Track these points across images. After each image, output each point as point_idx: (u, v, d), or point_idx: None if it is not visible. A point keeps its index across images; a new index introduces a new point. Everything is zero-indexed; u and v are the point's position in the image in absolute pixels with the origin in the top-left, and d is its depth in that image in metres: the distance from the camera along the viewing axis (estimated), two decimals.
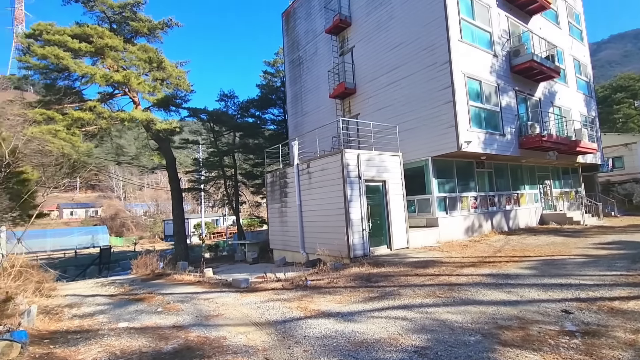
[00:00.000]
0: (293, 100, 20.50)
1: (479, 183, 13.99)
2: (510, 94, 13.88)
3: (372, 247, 10.03)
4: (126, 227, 59.42)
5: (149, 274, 10.96)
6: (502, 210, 14.67)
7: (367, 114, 14.85)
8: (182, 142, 22.15)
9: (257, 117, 27.23)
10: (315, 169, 10.93)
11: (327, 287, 6.49)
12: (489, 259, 8.14)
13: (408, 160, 12.91)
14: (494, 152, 12.68)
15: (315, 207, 10.93)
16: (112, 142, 18.56)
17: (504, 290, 5.26)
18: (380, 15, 14.21)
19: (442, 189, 12.56)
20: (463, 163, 13.44)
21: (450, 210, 12.60)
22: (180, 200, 19.70)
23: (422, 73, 12.45)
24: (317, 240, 10.77)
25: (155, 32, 19.88)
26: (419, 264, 8.06)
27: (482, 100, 12.58)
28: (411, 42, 12.84)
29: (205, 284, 8.24)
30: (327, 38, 17.01)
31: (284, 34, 21.38)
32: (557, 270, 6.43)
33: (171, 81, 19.68)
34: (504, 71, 13.70)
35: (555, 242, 10.28)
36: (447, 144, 11.65)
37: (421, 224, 12.56)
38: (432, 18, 12.05)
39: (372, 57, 14.66)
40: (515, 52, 13.85)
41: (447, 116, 11.60)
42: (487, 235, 12.94)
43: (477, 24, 12.86)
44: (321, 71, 17.53)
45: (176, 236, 19.22)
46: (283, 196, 12.83)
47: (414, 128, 12.79)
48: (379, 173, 10.44)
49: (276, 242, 13.38)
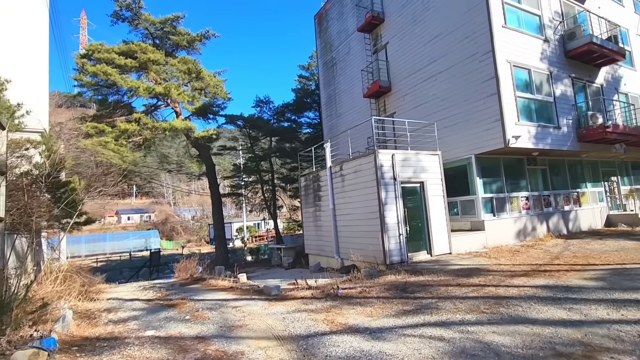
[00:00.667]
0: (327, 102, 20.28)
1: (531, 182, 12.71)
2: (566, 81, 12.48)
3: (410, 253, 9.41)
4: (175, 231, 62.94)
5: (187, 278, 11.21)
6: (560, 211, 13.20)
7: (404, 112, 14.17)
8: (220, 148, 22.84)
9: (293, 121, 27.38)
10: (348, 171, 10.54)
11: (359, 297, 6.06)
12: (544, 268, 7.21)
13: (449, 159, 12.08)
14: (547, 147, 11.44)
15: (350, 210, 10.52)
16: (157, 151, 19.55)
17: (564, 307, 4.50)
18: (415, 7, 13.51)
19: (488, 189, 11.55)
20: (512, 160, 12.29)
21: (498, 212, 11.54)
22: (219, 206, 20.24)
23: (463, 65, 11.58)
24: (352, 246, 10.35)
25: (194, 44, 20.73)
26: (462, 272, 7.34)
27: (532, 90, 11.40)
28: (449, 32, 12.01)
29: (237, 290, 8.17)
30: (360, 37, 16.57)
31: (316, 36, 21.27)
32: (632, 283, 5.45)
33: (209, 90, 20.36)
34: (557, 57, 12.35)
35: (627, 248, 8.93)
36: (493, 140, 10.68)
37: (465, 227, 11.64)
38: (472, 5, 11.17)
39: (407, 52, 13.97)
40: (570, 35, 12.44)
41: (492, 110, 10.64)
42: (542, 239, 11.67)
43: (523, 7, 11.72)
44: (354, 71, 17.11)
45: (216, 240, 19.75)
46: (317, 200, 12.57)
47: (455, 124, 11.92)
48: (416, 174, 9.80)
49: (311, 247, 13.14)
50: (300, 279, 8.70)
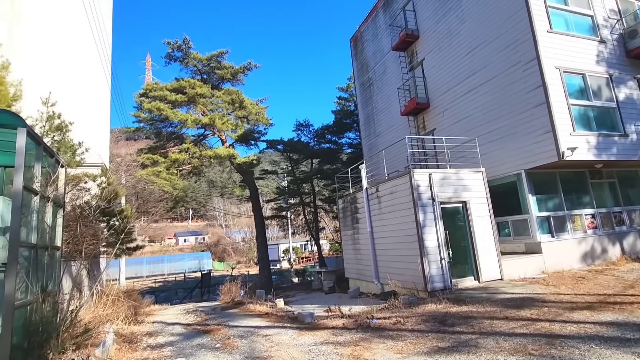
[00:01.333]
0: (365, 122, 20.21)
1: (596, 197, 11.31)
2: (630, 84, 11.15)
3: (454, 279, 8.71)
4: (227, 253, 65.36)
5: (229, 302, 11.45)
6: (636, 229, 11.51)
7: (444, 128, 13.59)
8: (262, 172, 23.60)
9: (333, 142, 27.61)
10: (384, 192, 10.22)
11: (392, 328, 5.66)
12: (613, 299, 6.21)
13: (496, 175, 11.24)
14: (613, 157, 10.17)
15: (387, 233, 10.12)
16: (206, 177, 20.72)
17: (635, 351, 3.77)
18: (450, 21, 13.16)
19: (543, 207, 10.45)
20: (570, 174, 11.08)
21: (558, 232, 10.35)
22: (262, 228, 20.69)
23: (505, 75, 10.89)
24: (391, 270, 9.86)
25: (237, 76, 22.08)
26: (512, 302, 6.58)
27: (589, 96, 10.32)
28: (488, 42, 11.45)
29: (272, 316, 8.10)
30: (395, 56, 16.46)
31: (353, 58, 21.56)
32: None
33: (252, 118, 21.38)
34: (617, 58, 11.14)
35: None
36: (544, 153, 9.74)
37: (519, 249, 10.58)
38: (511, 12, 10.58)
39: (444, 67, 13.53)
40: (632, 33, 11.20)
41: (541, 121, 9.77)
42: (614, 262, 10.18)
43: (571, 9, 10.85)
44: (391, 90, 16.93)
45: (260, 263, 20.09)
46: (354, 222, 12.30)
47: (500, 138, 11.13)
48: (457, 193, 9.20)
49: (351, 270, 12.78)
50: (336, 305, 8.41)
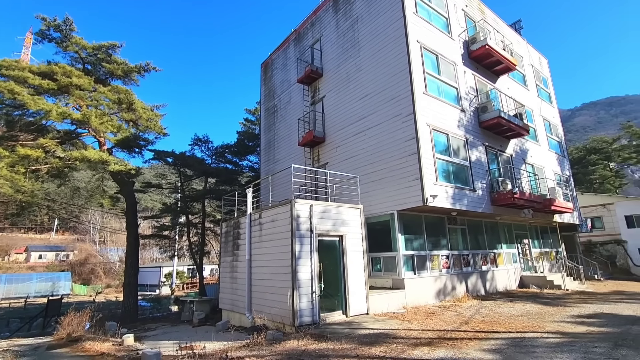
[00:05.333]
0: (266, 147, 20.08)
1: (451, 240, 13.04)
2: (480, 149, 13.55)
3: (324, 313, 8.69)
4: (95, 274, 55.43)
5: (63, 338, 9.28)
6: (478, 271, 13.57)
7: (335, 163, 14.26)
8: (143, 185, 21.04)
9: (233, 163, 26.64)
10: (266, 219, 9.91)
11: None
12: (450, 335, 6.91)
13: (374, 213, 12.07)
14: (464, 207, 11.94)
15: (265, 262, 9.72)
16: (67, 183, 17.36)
17: None
18: (349, 67, 14.25)
19: (409, 246, 11.53)
20: (433, 218, 12.60)
21: (419, 270, 11.46)
22: (135, 248, 18.08)
23: (388, 123, 12.08)
24: (264, 302, 9.41)
25: (131, 75, 19.80)
26: (368, 338, 6.76)
27: (450, 153, 12.12)
28: (378, 92, 12.67)
29: (108, 358, 6.71)
30: (300, 88, 17.01)
31: (261, 83, 21.60)
32: (525, 357, 5.26)
33: (142, 123, 19.16)
34: (472, 126, 13.50)
35: (531, 313, 9.11)
36: (413, 197, 10.88)
37: (387, 285, 11.32)
38: (397, 70, 11.98)
39: (341, 107, 14.44)
40: (483, 109, 13.79)
41: (413, 168, 10.98)
42: (459, 299, 11.68)
43: (443, 79, 12.86)
44: (293, 120, 17.29)
45: (125, 289, 17.30)
46: (235, 248, 11.60)
47: (381, 179, 12.10)
48: (335, 227, 9.44)
49: (225, 301, 11.84)
50: (188, 343, 7.44)
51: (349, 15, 14.64)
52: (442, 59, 13.11)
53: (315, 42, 16.78)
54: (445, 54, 13.31)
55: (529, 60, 19.53)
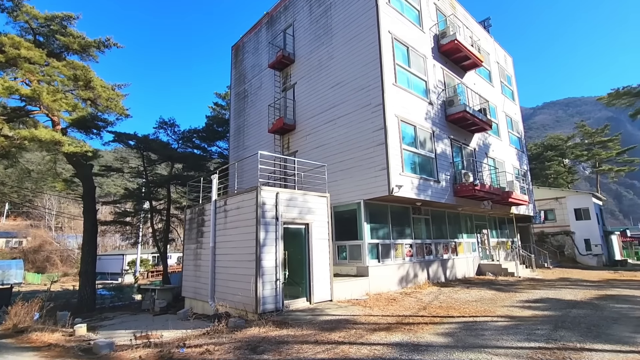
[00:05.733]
0: (236, 133, 19.60)
1: (415, 230, 13.44)
2: (446, 141, 13.96)
3: (288, 301, 8.72)
4: (51, 262, 52.33)
5: (9, 328, 8.72)
6: (439, 259, 14.13)
7: (305, 151, 14.18)
8: (102, 168, 19.89)
9: (202, 149, 25.84)
10: (231, 206, 9.71)
11: (196, 359, 5.05)
12: (408, 320, 7.16)
13: (342, 202, 12.17)
14: (428, 198, 12.30)
15: (229, 250, 9.56)
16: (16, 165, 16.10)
17: None
18: (321, 54, 14.08)
19: (374, 235, 11.77)
20: (399, 208, 12.91)
21: (383, 258, 11.75)
22: (93, 235, 17.19)
23: (358, 113, 12.12)
24: (227, 290, 9.29)
25: (89, 50, 18.46)
26: (329, 324, 6.87)
27: (417, 145, 12.39)
28: (349, 81, 12.63)
29: (55, 349, 6.37)
30: (271, 73, 16.63)
31: (232, 66, 20.91)
32: (474, 339, 5.55)
33: (101, 102, 18.02)
34: (439, 119, 13.84)
35: (484, 298, 9.63)
36: (379, 187, 11.06)
37: (352, 272, 11.52)
38: (368, 60, 11.98)
39: (313, 94, 14.29)
40: (450, 102, 14.16)
41: (380, 158, 11.13)
42: (420, 286, 12.14)
43: (412, 71, 13.02)
44: (264, 106, 16.93)
45: (82, 277, 16.47)
46: (199, 236, 11.31)
47: (349, 169, 12.18)
48: (301, 215, 9.42)
49: (188, 289, 11.58)
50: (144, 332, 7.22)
51: (323, 1, 14.39)
52: (413, 51, 13.26)
53: (288, 26, 16.40)
54: (416, 46, 13.46)
55: (495, 58, 20.22)
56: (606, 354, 4.74)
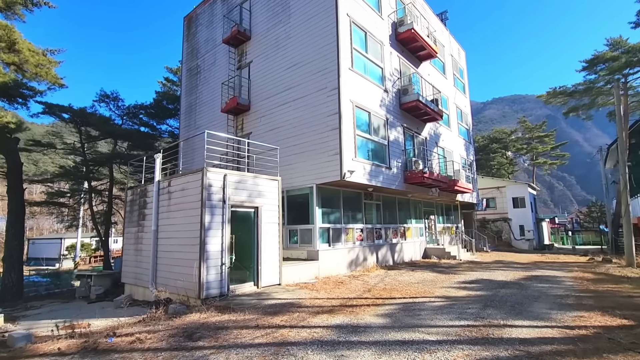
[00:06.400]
0: (187, 111, 18.53)
1: (366, 215, 13.74)
2: (399, 129, 14.26)
3: (234, 285, 8.53)
4: None
5: None
6: (389, 243, 14.63)
7: (260, 133, 13.76)
8: (30, 143, 17.79)
9: (150, 126, 24.18)
10: (175, 188, 9.17)
11: (125, 349, 4.73)
12: (352, 302, 7.31)
13: (296, 186, 12.04)
14: (379, 184, 12.56)
15: (172, 234, 9.07)
16: None
17: (336, 354, 4.24)
18: (279, 33, 13.56)
19: (326, 219, 11.83)
20: (351, 193, 13.07)
21: (334, 243, 11.89)
22: (20, 216, 15.52)
23: (314, 96, 11.91)
24: (170, 275, 8.86)
25: (15, 8, 16.20)
26: (274, 308, 6.81)
27: (371, 131, 12.51)
28: (305, 63, 12.33)
29: None
30: (226, 49, 15.78)
31: (184, 39, 19.56)
32: (411, 319, 5.78)
33: (29, 68, 16.02)
34: (393, 107, 14.07)
35: (426, 280, 10.15)
36: (332, 172, 11.06)
37: (302, 256, 11.55)
38: (325, 42, 11.73)
39: (269, 74, 13.80)
40: (404, 91, 14.43)
41: (333, 143, 11.09)
42: (369, 269, 12.51)
43: (369, 57, 13.01)
44: (218, 83, 16.09)
45: (6, 262, 14.87)
46: (141, 218, 10.62)
47: (303, 152, 12.02)
48: (251, 198, 9.16)
49: (128, 274, 10.91)
50: (82, 320, 6.71)
51: None
52: (371, 36, 13.22)
53: (244, 0, 15.54)
54: (374, 32, 13.42)
55: (449, 50, 20.89)
56: (524, 329, 5.16)
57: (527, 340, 4.65)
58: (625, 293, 8.12)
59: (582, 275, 11.09)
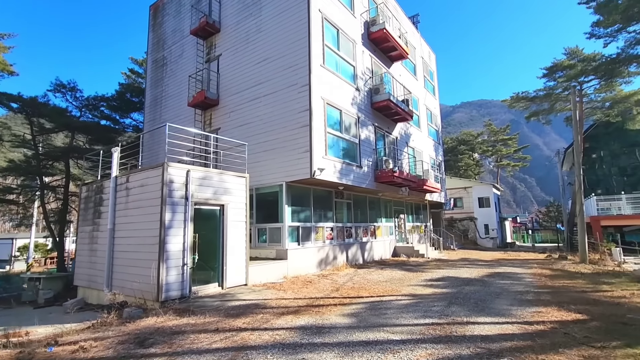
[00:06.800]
0: (152, 105, 17.67)
1: (337, 213, 13.65)
2: (370, 128, 14.30)
3: (197, 286, 8.13)
4: None
5: None
6: (359, 242, 14.64)
7: (228, 129, 13.31)
8: None
9: (113, 120, 22.87)
10: (134, 184, 8.62)
11: (65, 359, 4.30)
12: (319, 302, 7.16)
13: (265, 184, 11.74)
14: (350, 182, 12.51)
15: (130, 233, 8.52)
16: None
17: (297, 358, 4.05)
18: (249, 26, 13.18)
19: (296, 218, 11.62)
20: (322, 192, 12.93)
21: (304, 241, 11.70)
22: None
23: (284, 92, 11.66)
24: (127, 277, 8.30)
25: None
26: (237, 310, 6.52)
27: (342, 129, 12.43)
28: (276, 58, 12.05)
29: None
30: (194, 41, 15.16)
31: (150, 29, 18.64)
32: (376, 319, 5.71)
33: None
34: (365, 106, 14.08)
35: (394, 278, 10.19)
36: (302, 169, 10.86)
37: (271, 255, 11.27)
38: (296, 38, 11.51)
39: (238, 68, 13.38)
40: (376, 90, 14.48)
41: (304, 140, 10.89)
42: (339, 268, 12.43)
43: (341, 55, 12.93)
44: (185, 76, 15.43)
45: None
46: (96, 217, 9.92)
47: (273, 149, 11.74)
48: (216, 195, 8.78)
49: (81, 276, 10.17)
50: (22, 328, 6.10)
51: None
52: (343, 34, 13.14)
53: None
54: (346, 30, 13.36)
55: (420, 53, 21.28)
56: (486, 326, 5.22)
57: (488, 337, 4.68)
58: (579, 288, 8.52)
59: (541, 272, 11.58)
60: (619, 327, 5.00)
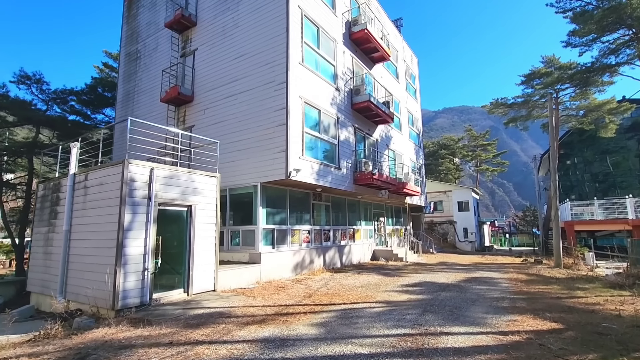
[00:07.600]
0: (124, 100, 16.86)
1: (314, 216, 13.29)
2: (350, 129, 14.03)
3: (160, 293, 7.58)
4: None
5: None
6: (337, 245, 14.32)
7: (202, 127, 12.76)
8: None
9: (84, 116, 21.81)
10: (93, 182, 8.00)
11: None
12: (289, 309, 6.76)
13: (239, 184, 11.26)
14: (327, 184, 12.18)
15: (87, 235, 7.88)
16: None
17: None
18: (226, 21, 12.69)
19: (271, 220, 11.18)
20: (299, 193, 12.55)
21: (279, 245, 11.27)
22: None
23: (261, 90, 11.23)
24: (83, 283, 7.65)
25: None
26: (198, 319, 6.04)
27: (320, 130, 12.10)
28: (253, 54, 11.61)
29: None
30: (169, 34, 14.54)
31: (123, 20, 17.84)
32: (346, 329, 5.36)
33: None
34: (345, 106, 13.81)
35: (370, 283, 9.90)
36: (277, 170, 10.45)
37: (244, 259, 10.79)
38: (274, 33, 11.12)
39: (214, 64, 12.86)
40: (357, 91, 14.24)
41: (279, 140, 10.49)
42: (315, 272, 12.05)
43: (321, 53, 12.62)
44: (159, 71, 14.75)
45: None
46: (52, 217, 9.20)
47: (248, 149, 11.28)
48: (184, 195, 8.25)
49: (35, 281, 9.40)
50: None
51: None
52: (323, 33, 12.84)
53: None
54: (327, 28, 13.06)
55: (402, 55, 21.26)
56: (460, 337, 4.95)
57: (461, 350, 4.41)
58: (554, 294, 8.45)
59: (517, 277, 11.56)
60: (594, 338, 4.83)
